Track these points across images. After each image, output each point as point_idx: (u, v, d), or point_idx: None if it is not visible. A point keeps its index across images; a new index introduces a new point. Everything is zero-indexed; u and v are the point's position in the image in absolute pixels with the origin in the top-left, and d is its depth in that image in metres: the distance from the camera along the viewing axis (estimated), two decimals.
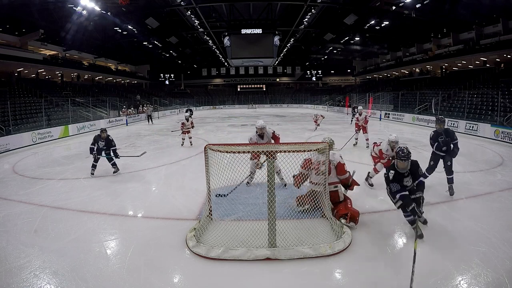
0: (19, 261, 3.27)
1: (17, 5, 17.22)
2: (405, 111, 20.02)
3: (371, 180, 5.63)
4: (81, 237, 3.85)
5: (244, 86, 49.28)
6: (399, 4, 19.65)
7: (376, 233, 3.80)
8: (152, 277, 2.99)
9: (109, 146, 6.83)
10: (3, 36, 21.23)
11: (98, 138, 6.81)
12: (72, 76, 29.81)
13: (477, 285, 2.77)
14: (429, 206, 4.64)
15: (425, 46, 28.88)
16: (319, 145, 3.91)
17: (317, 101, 39.31)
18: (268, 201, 3.33)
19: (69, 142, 13.11)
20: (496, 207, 4.65)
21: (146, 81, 42.20)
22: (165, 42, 28.53)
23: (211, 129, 16.84)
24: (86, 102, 20.62)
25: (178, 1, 17.55)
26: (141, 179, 6.56)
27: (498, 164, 7.36)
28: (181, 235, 3.76)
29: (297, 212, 4.17)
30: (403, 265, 3.11)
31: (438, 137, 5.24)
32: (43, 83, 24.66)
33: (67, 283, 2.91)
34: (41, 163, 8.68)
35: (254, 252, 3.27)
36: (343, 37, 28.69)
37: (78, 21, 19.44)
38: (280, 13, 21.96)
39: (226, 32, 20.84)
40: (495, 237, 3.59)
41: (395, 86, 29.23)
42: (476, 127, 12.33)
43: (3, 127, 11.89)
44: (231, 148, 3.79)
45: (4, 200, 5.34)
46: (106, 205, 4.96)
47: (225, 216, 4.16)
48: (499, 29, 20.61)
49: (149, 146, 11.06)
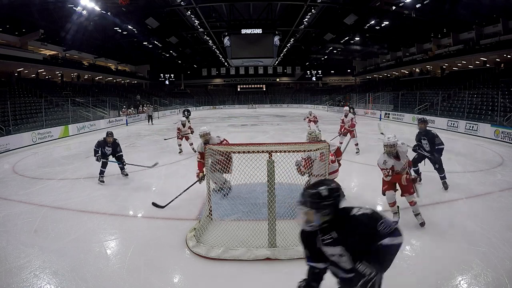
0: (19, 261, 3.27)
1: (17, 5, 17.22)
2: (405, 111, 20.01)
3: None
4: (81, 237, 3.85)
5: (244, 86, 49.27)
6: (399, 4, 19.65)
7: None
8: (152, 277, 2.99)
9: (116, 152, 6.20)
10: (3, 36, 21.23)
11: (104, 144, 6.08)
12: (72, 76, 29.81)
13: (477, 285, 2.77)
14: (429, 206, 4.64)
15: (425, 46, 28.87)
16: (319, 145, 3.91)
17: (317, 101, 39.32)
18: (268, 201, 3.33)
19: (69, 142, 13.11)
20: (496, 207, 4.65)
21: (146, 81, 42.20)
22: (165, 42, 28.52)
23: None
24: (86, 102, 20.61)
25: (178, 1, 17.54)
26: (141, 179, 6.56)
27: (498, 164, 7.36)
28: (181, 235, 3.76)
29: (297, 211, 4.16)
30: (403, 265, 3.12)
31: (420, 138, 5.33)
32: (43, 83, 24.66)
33: (67, 283, 2.91)
34: (41, 163, 8.68)
35: (254, 252, 3.27)
36: (343, 37, 28.67)
37: (78, 21, 19.42)
38: (280, 13, 21.95)
39: (226, 32, 20.85)
40: (495, 237, 3.58)
41: (395, 86, 29.21)
42: (476, 127, 12.33)
43: (3, 127, 11.89)
44: (231, 148, 3.79)
45: (4, 200, 5.34)
46: (106, 205, 4.97)
47: (225, 216, 4.17)
48: (499, 29, 20.60)
49: (149, 146, 11.07)
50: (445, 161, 7.88)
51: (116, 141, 6.28)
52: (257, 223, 3.64)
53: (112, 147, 6.18)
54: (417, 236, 3.76)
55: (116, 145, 6.25)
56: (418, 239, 3.71)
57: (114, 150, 6.24)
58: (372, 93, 27.59)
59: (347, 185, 5.60)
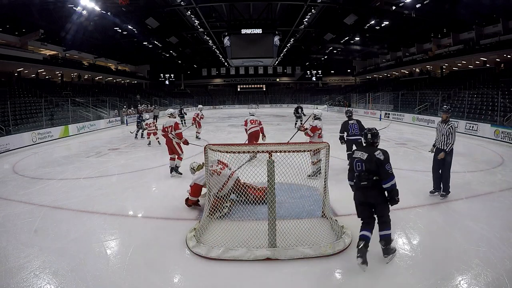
0: (19, 261, 3.27)
1: (17, 5, 17.23)
2: (405, 111, 20.02)
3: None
4: (81, 237, 3.85)
5: (244, 86, 49.31)
6: (399, 4, 19.65)
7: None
8: (152, 277, 2.99)
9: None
10: (3, 36, 21.24)
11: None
12: (72, 76, 29.82)
13: (477, 285, 2.77)
14: (429, 206, 4.64)
15: (425, 46, 28.89)
16: (319, 145, 3.92)
17: (317, 101, 39.33)
18: (268, 201, 3.33)
19: (69, 142, 13.11)
20: (496, 207, 4.65)
21: (146, 81, 42.21)
22: (165, 42, 28.52)
23: (211, 129, 16.83)
24: (86, 102, 20.63)
25: (178, 1, 17.54)
26: (141, 179, 6.56)
27: (498, 164, 7.36)
28: (181, 235, 3.76)
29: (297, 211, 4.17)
30: (404, 265, 3.12)
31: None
32: (43, 83, 24.68)
33: (67, 283, 2.91)
34: (41, 163, 8.68)
35: (254, 252, 3.27)
36: (343, 37, 28.68)
37: (78, 21, 19.43)
38: (280, 13, 21.95)
39: (226, 32, 20.82)
40: (495, 237, 3.59)
41: (395, 86, 29.24)
42: (476, 127, 12.33)
43: (3, 127, 11.89)
44: (231, 148, 3.79)
45: (4, 200, 5.34)
46: (106, 205, 4.96)
47: (225, 216, 4.17)
48: (499, 29, 20.62)
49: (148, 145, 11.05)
50: None
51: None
52: (257, 223, 3.64)
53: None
54: (417, 236, 3.77)
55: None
56: (418, 239, 3.71)
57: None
58: (372, 93, 27.61)
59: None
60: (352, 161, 3.28)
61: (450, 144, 4.77)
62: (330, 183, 4.11)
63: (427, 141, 11.35)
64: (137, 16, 20.75)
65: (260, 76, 47.50)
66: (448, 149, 4.79)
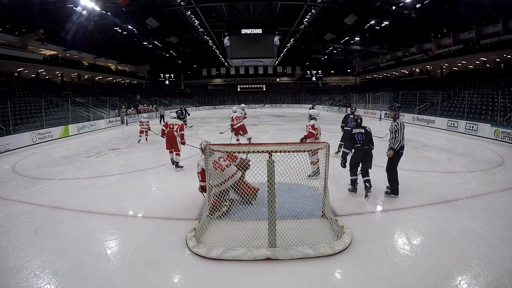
0: (19, 261, 3.27)
1: (17, 5, 17.23)
2: (405, 111, 19.99)
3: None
4: (81, 237, 3.85)
5: (244, 86, 49.30)
6: (399, 4, 19.65)
7: (376, 233, 3.80)
8: (152, 277, 2.99)
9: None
10: (3, 36, 21.23)
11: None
12: (72, 76, 29.81)
13: (477, 285, 2.77)
14: (429, 206, 4.64)
15: (425, 46, 28.89)
16: (319, 145, 3.92)
17: (317, 101, 39.32)
18: (268, 201, 3.33)
19: (69, 142, 13.11)
20: (496, 207, 4.65)
21: (146, 81, 42.20)
22: (165, 42, 28.52)
23: (211, 129, 16.83)
24: (86, 102, 20.62)
25: (178, 1, 17.54)
26: (141, 179, 6.56)
27: (498, 164, 7.36)
28: (181, 235, 3.76)
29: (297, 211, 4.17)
30: (404, 265, 3.12)
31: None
32: (43, 83, 24.66)
33: (67, 283, 2.91)
34: (41, 163, 8.68)
35: (254, 252, 3.27)
36: (343, 37, 28.68)
37: (78, 21, 19.43)
38: (280, 13, 21.95)
39: (226, 32, 20.83)
40: (495, 237, 3.59)
41: (395, 86, 29.23)
42: (476, 127, 12.33)
43: (3, 127, 11.88)
44: (231, 148, 3.79)
45: (4, 200, 5.34)
46: (106, 205, 4.96)
47: (225, 215, 4.17)
48: (499, 29, 20.62)
49: (149, 145, 11.06)
50: (446, 161, 7.95)
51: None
52: (257, 223, 3.64)
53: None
54: (417, 236, 3.76)
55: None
56: (418, 239, 3.71)
57: None
58: (372, 93, 27.60)
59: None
60: (353, 136, 5.04)
61: (398, 142, 4.83)
62: (330, 183, 4.12)
63: (427, 141, 11.37)
64: (137, 16, 20.75)
65: (260, 76, 47.50)
66: (396, 147, 4.85)
